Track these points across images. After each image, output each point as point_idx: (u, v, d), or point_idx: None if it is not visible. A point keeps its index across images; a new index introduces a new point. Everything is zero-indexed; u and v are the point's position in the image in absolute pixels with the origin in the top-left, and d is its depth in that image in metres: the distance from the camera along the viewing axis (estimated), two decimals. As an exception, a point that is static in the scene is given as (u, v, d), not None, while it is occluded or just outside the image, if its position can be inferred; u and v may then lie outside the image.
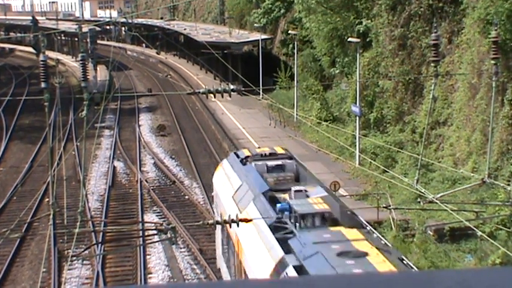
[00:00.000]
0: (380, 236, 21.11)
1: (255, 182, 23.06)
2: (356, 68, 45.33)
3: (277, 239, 18.14)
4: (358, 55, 44.45)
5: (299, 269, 16.06)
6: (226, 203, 24.57)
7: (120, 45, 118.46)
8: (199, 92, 41.42)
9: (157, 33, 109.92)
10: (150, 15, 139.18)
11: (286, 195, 21.76)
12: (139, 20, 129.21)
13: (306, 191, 21.44)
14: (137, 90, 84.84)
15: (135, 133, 60.77)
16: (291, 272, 16.12)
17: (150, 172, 48.15)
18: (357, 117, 44.82)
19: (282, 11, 75.82)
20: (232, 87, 39.16)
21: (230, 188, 25.03)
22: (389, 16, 46.54)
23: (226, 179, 26.29)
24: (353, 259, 15.93)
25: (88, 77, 30.83)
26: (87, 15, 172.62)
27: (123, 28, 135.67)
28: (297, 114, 54.25)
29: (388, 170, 35.65)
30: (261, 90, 57.83)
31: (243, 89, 41.25)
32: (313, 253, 16.54)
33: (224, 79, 72.05)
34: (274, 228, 18.83)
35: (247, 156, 26.55)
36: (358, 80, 44.79)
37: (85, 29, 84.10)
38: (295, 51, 59.67)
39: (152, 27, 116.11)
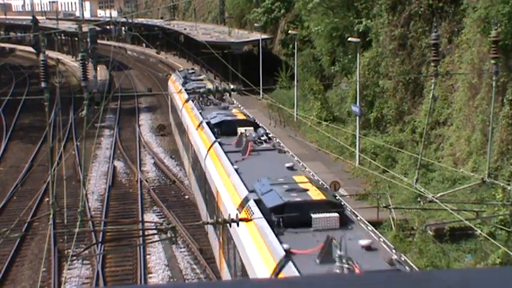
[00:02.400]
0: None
1: (181, 76, 54.42)
2: (356, 67, 45.33)
3: (182, 85, 48.61)
4: (358, 55, 44.43)
5: (185, 85, 48.72)
6: (171, 85, 56.27)
7: (120, 44, 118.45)
8: (199, 92, 41.59)
9: (158, 33, 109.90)
10: (150, 15, 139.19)
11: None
12: (140, 20, 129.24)
13: (200, 75, 55.73)
14: (137, 90, 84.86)
15: (135, 133, 60.79)
16: (182, 87, 48.72)
17: (150, 172, 48.16)
18: (357, 117, 44.80)
19: (282, 11, 75.83)
20: (232, 86, 39.33)
21: (173, 80, 56.70)
22: (390, 16, 46.56)
23: (172, 77, 58.67)
24: (197, 79, 52.62)
25: (88, 76, 30.79)
26: (87, 15, 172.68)
27: (123, 28, 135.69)
28: (297, 114, 54.23)
29: (388, 170, 35.61)
30: (261, 89, 57.83)
31: (243, 88, 41.29)
32: (191, 86, 47.18)
33: (224, 79, 72.04)
34: (183, 85, 48.88)
35: (182, 70, 60.30)
36: (358, 79, 44.78)
37: (85, 28, 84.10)
38: (295, 51, 59.66)
39: (152, 27, 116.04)
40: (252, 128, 32.19)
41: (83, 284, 30.87)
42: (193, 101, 42.23)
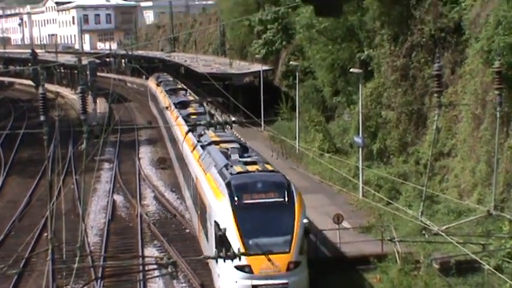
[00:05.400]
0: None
1: (155, 77, 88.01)
2: (358, 98, 45.00)
3: (156, 80, 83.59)
4: (360, 85, 44.08)
5: (157, 80, 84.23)
6: (149, 81, 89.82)
7: (120, 77, 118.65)
8: (200, 124, 41.21)
9: (158, 65, 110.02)
10: (151, 47, 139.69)
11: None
12: (140, 52, 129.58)
13: (166, 76, 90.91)
14: (137, 123, 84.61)
15: (135, 166, 60.37)
16: (156, 80, 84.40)
17: (151, 205, 47.65)
18: (360, 148, 44.42)
19: (284, 42, 75.67)
20: (233, 118, 38.76)
21: (150, 79, 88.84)
22: (391, 46, 46.25)
23: (149, 79, 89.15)
24: (163, 76, 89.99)
25: (87, 109, 30.47)
26: (87, 48, 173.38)
27: (123, 60, 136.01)
28: (299, 146, 53.90)
29: (392, 202, 35.14)
30: (262, 121, 57.52)
31: (245, 120, 40.94)
32: (160, 79, 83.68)
33: (225, 110, 71.79)
34: (156, 80, 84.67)
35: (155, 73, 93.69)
36: (360, 110, 44.43)
37: (85, 61, 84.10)
38: (297, 81, 59.35)
39: (152, 59, 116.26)
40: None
41: (81, 321, 30.33)
42: (159, 86, 76.87)
